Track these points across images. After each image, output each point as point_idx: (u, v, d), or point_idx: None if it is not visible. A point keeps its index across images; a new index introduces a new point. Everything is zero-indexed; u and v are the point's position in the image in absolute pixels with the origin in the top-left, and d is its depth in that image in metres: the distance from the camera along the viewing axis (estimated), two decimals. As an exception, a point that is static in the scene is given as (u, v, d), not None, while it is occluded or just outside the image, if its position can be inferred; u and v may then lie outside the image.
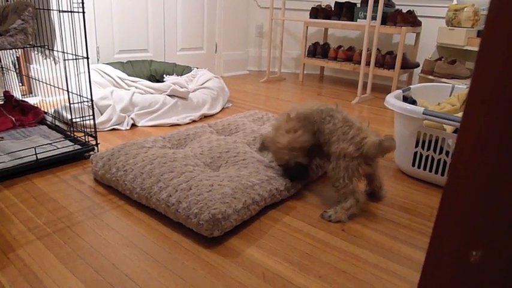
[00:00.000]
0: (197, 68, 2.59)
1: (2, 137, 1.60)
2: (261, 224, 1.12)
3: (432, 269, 0.32)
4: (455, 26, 2.63)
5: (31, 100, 2.16)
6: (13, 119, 1.75)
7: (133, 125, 1.93)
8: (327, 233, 1.09)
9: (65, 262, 0.91)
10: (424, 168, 1.42)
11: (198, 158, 1.35)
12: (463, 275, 0.30)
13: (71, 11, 1.42)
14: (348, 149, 1.15)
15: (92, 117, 1.52)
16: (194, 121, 2.06)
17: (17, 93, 2.11)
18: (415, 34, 2.99)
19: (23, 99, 1.99)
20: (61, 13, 1.45)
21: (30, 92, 2.37)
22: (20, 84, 2.30)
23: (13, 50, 1.98)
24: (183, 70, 2.58)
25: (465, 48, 2.57)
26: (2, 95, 1.95)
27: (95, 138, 1.54)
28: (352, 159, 1.15)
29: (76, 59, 1.46)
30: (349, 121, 1.21)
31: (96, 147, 1.54)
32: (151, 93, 2.09)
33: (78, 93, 1.54)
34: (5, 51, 2.01)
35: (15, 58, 2.22)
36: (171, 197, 1.08)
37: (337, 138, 1.18)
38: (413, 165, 1.45)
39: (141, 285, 0.85)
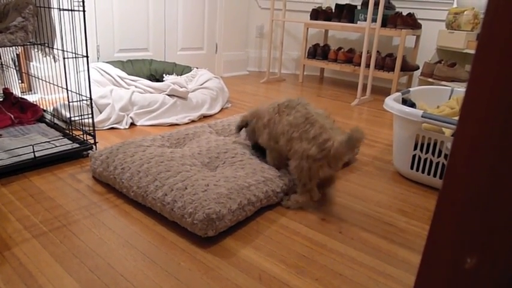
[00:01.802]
0: (197, 68, 2.59)
1: (0, 134, 1.59)
2: (258, 226, 1.11)
3: (426, 275, 0.32)
4: (455, 29, 2.63)
5: (31, 98, 2.15)
6: (12, 116, 1.75)
7: (132, 124, 1.93)
8: (324, 236, 1.08)
9: (61, 261, 0.91)
10: (423, 171, 1.42)
11: (195, 157, 1.35)
12: (458, 281, 0.30)
13: (71, 10, 1.42)
14: (311, 150, 1.13)
15: (90, 115, 1.51)
16: (193, 121, 2.05)
17: (17, 91, 2.10)
18: (415, 37, 3.00)
19: (23, 96, 1.99)
20: (61, 11, 1.45)
21: (29, 89, 2.37)
22: (20, 81, 2.30)
23: (13, 47, 1.98)
24: (182, 70, 2.57)
25: (465, 51, 2.57)
26: (2, 92, 1.94)
27: (94, 137, 1.53)
28: (315, 161, 1.14)
29: (76, 57, 1.46)
30: (311, 118, 1.19)
31: (94, 146, 1.53)
32: (151, 93, 2.08)
33: (78, 92, 1.54)
34: (5, 48, 2.01)
35: (15, 55, 2.22)
36: (166, 196, 1.08)
37: (299, 136, 1.17)
38: (411, 168, 1.45)
39: (136, 286, 0.85)
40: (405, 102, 1.65)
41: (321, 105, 2.59)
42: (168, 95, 2.06)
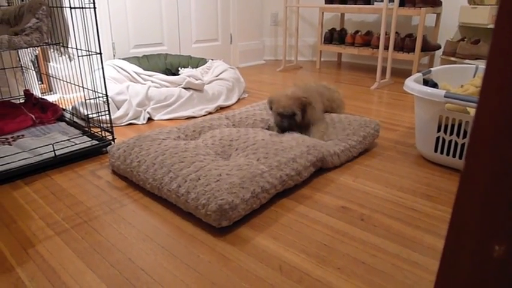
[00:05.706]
0: (212, 59, 2.58)
1: (22, 135, 1.63)
2: (278, 215, 1.10)
3: (450, 265, 0.29)
4: (478, 4, 2.51)
5: (51, 98, 2.19)
6: (33, 116, 1.78)
7: (150, 119, 1.94)
8: (346, 223, 1.06)
9: (82, 257, 0.92)
10: (447, 154, 1.37)
11: (209, 147, 1.35)
12: (485, 271, 0.27)
13: (82, 7, 1.42)
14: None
15: (107, 112, 1.52)
16: (210, 113, 2.04)
17: (37, 92, 2.14)
18: (435, 15, 2.88)
19: (43, 97, 2.03)
20: (74, 10, 1.46)
21: (50, 89, 2.41)
22: (40, 82, 2.34)
23: (32, 48, 2.01)
24: (198, 62, 2.56)
25: (489, 26, 2.45)
26: (23, 93, 1.99)
27: (112, 133, 1.55)
28: None
29: (89, 54, 1.47)
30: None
31: (113, 142, 1.55)
32: (167, 87, 2.08)
33: (94, 89, 1.55)
34: (24, 50, 2.04)
35: (34, 57, 2.26)
36: (180, 187, 1.08)
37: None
38: (435, 150, 1.39)
39: (157, 279, 0.85)
40: (427, 82, 1.58)
41: (340, 90, 2.53)
42: (184, 88, 2.06)
